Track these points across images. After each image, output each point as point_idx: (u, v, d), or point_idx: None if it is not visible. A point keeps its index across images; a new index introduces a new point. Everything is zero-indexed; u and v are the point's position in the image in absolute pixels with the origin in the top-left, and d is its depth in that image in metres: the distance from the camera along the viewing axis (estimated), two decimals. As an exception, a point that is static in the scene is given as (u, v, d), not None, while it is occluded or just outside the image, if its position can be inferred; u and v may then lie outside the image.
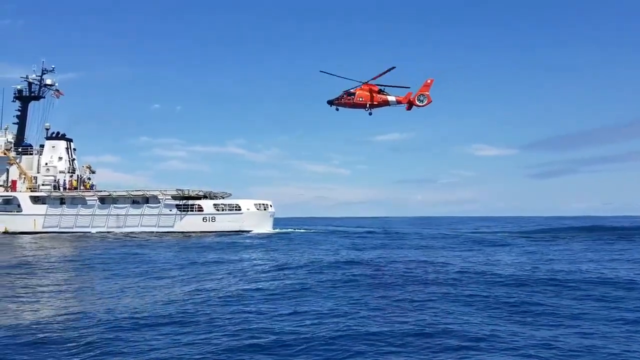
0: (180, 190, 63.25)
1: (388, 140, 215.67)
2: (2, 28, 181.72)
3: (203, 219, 62.19)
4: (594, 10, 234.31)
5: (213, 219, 62.16)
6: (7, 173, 65.97)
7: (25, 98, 69.16)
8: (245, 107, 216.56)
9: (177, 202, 62.84)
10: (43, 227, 62.44)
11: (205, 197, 64.80)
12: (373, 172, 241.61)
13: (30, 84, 69.16)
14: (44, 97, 69.44)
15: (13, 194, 64.46)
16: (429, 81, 54.67)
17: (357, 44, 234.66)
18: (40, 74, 69.45)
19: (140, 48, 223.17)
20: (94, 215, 62.76)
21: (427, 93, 53.41)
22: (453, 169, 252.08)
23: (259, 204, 63.93)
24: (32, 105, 69.44)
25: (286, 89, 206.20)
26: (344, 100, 53.70)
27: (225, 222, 62.01)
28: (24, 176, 65.43)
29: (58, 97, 68.89)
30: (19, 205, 63.80)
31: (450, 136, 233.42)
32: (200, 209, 62.64)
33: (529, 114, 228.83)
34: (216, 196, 65.83)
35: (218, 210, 62.72)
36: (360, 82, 53.91)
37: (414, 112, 53.51)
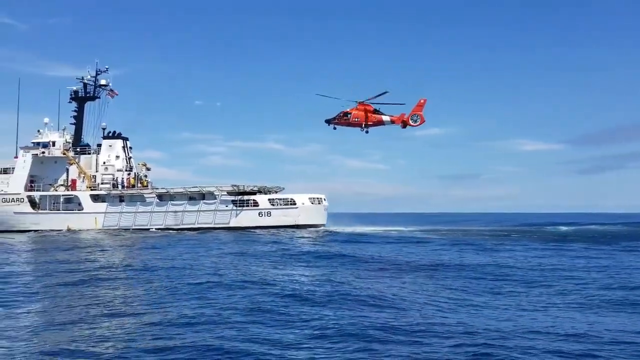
0: (235, 185, 64.02)
1: (428, 135, 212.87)
2: (50, 27, 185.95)
3: (259, 214, 62.84)
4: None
5: (269, 214, 62.76)
6: (67, 173, 67.75)
7: (81, 99, 70.74)
8: (283, 102, 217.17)
9: (233, 197, 63.62)
10: (104, 225, 63.99)
11: (259, 191, 65.45)
12: (412, 168, 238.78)
13: (85, 84, 70.72)
14: (99, 97, 71.02)
15: (74, 192, 66.20)
16: (422, 101, 56.33)
17: (394, 44, 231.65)
18: (94, 75, 71.04)
19: (182, 45, 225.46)
20: (152, 212, 64.02)
21: (420, 113, 56.23)
22: (495, 165, 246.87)
23: (314, 198, 64.28)
24: (88, 106, 71.10)
25: (325, 84, 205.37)
26: (341, 120, 56.77)
27: (281, 217, 62.52)
28: (83, 175, 67.07)
29: (112, 97, 70.29)
30: (79, 204, 65.51)
31: (493, 131, 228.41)
32: (255, 204, 63.30)
33: (575, 108, 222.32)
34: (270, 190, 66.46)
35: (273, 205, 63.31)
36: (356, 101, 55.85)
37: (454, 106, 54.16)
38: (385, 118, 55.89)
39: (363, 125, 55.86)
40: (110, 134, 69.48)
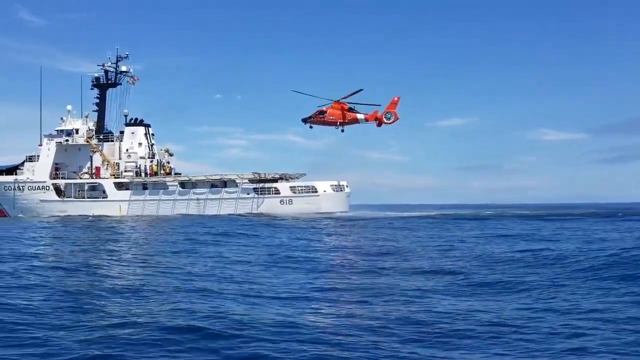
0: (256, 173, 64.06)
1: (449, 125, 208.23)
2: (70, 22, 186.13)
3: (280, 202, 62.90)
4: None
5: (290, 202, 62.76)
6: (91, 160, 68.34)
7: (103, 85, 70.80)
8: (301, 94, 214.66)
9: (254, 185, 63.70)
10: (128, 213, 64.69)
11: (280, 179, 65.40)
12: (433, 159, 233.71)
13: (106, 71, 70.73)
14: (120, 84, 71.05)
15: (98, 180, 66.87)
16: (395, 99, 58.56)
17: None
18: (115, 61, 70.98)
19: (200, 40, 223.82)
20: (175, 200, 64.48)
21: (394, 111, 58.98)
22: (518, 155, 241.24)
23: (335, 185, 64.04)
24: (110, 93, 71.29)
25: (341, 75, 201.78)
26: (317, 119, 59.41)
27: (303, 205, 62.44)
28: (106, 163, 67.63)
29: (134, 83, 70.22)
30: (104, 192, 66.21)
31: (514, 121, 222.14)
32: (277, 191, 63.33)
33: (599, 96, 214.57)
34: (292, 177, 66.35)
35: (295, 192, 63.23)
36: (331, 100, 57.80)
37: (475, 96, 56.85)
38: (360, 116, 59.80)
39: (338, 124, 58.95)
40: (132, 121, 69.74)
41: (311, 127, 61.26)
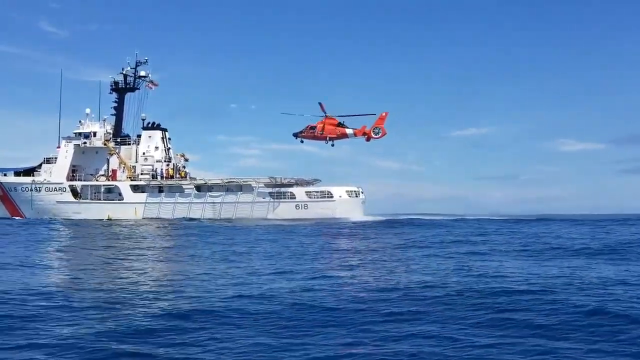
0: (272, 177, 64.01)
1: (465, 135, 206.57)
2: (91, 33, 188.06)
3: (296, 207, 62.74)
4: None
5: (305, 207, 62.58)
6: (108, 163, 68.69)
7: (121, 90, 71.46)
8: (316, 104, 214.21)
9: (270, 189, 63.65)
10: (144, 216, 64.73)
11: (296, 184, 65.31)
12: (450, 169, 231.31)
13: (125, 76, 71.37)
14: (139, 89, 71.63)
15: (114, 183, 67.16)
16: (383, 114, 60.52)
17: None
18: (134, 66, 71.65)
19: (217, 49, 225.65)
20: (191, 203, 64.48)
21: (381, 126, 60.04)
22: (536, 165, 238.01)
23: (351, 191, 63.80)
24: (128, 97, 71.84)
25: (358, 86, 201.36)
26: (307, 134, 61.65)
27: (318, 210, 62.22)
28: (123, 166, 67.92)
29: (152, 88, 70.78)
30: (120, 194, 66.43)
31: (533, 131, 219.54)
32: (292, 196, 63.23)
33: (619, 105, 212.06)
34: (307, 182, 66.25)
35: (310, 197, 63.11)
36: (322, 115, 59.35)
37: (492, 106, 59.12)
38: (349, 131, 62.03)
39: (327, 138, 60.54)
40: (150, 125, 70.12)
41: (302, 141, 63.41)
